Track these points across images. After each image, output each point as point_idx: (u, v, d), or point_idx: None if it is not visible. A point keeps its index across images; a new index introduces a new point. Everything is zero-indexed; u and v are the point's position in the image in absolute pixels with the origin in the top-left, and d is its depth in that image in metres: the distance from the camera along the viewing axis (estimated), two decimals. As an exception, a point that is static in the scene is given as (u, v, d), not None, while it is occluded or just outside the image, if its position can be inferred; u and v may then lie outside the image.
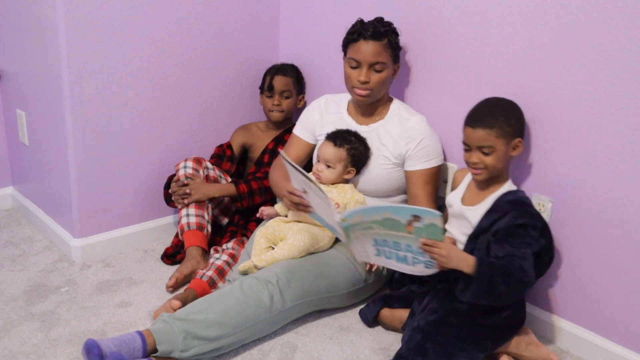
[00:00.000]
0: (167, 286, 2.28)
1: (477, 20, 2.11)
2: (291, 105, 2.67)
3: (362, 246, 1.90)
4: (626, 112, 1.80)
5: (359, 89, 2.17)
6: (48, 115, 2.45)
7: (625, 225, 1.86)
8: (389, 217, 1.75)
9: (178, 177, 2.44)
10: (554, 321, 2.08)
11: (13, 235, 2.68)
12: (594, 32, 1.83)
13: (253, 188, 2.48)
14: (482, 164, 1.87)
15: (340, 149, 2.19)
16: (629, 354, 1.92)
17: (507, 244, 1.80)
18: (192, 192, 2.41)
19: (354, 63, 2.15)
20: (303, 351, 2.00)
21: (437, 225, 1.69)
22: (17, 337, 2.01)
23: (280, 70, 2.66)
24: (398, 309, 2.07)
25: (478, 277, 1.75)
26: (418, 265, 1.82)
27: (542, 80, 1.97)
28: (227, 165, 2.67)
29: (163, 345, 1.81)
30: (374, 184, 2.23)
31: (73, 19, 2.24)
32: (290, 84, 2.65)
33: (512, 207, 1.84)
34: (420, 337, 1.83)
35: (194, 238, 2.38)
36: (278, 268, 2.03)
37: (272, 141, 2.66)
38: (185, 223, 2.40)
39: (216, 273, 2.25)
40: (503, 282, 1.75)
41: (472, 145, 1.87)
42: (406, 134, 2.19)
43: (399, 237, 1.78)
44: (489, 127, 1.84)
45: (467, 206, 1.94)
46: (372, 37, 2.12)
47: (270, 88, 2.64)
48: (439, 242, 1.74)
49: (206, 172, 2.51)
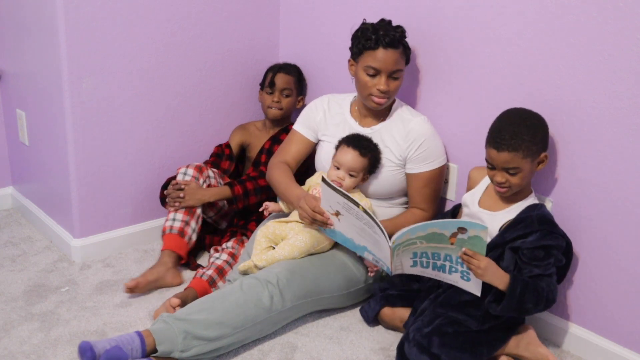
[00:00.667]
0: (126, 287, 2.21)
1: (477, 20, 2.11)
2: (290, 104, 2.66)
3: (400, 260, 1.89)
4: (626, 112, 1.80)
5: (378, 97, 2.15)
6: (48, 115, 2.45)
7: (626, 225, 1.86)
8: (434, 232, 1.74)
9: (176, 180, 2.42)
10: (554, 321, 2.08)
11: (13, 235, 2.68)
12: (594, 32, 1.83)
13: (248, 189, 2.46)
14: (508, 183, 1.85)
15: (365, 158, 2.15)
16: (629, 354, 1.92)
17: (534, 266, 1.80)
18: (186, 197, 2.37)
19: (372, 71, 2.12)
20: (303, 351, 2.00)
21: (481, 237, 1.69)
22: (17, 337, 2.01)
23: (283, 68, 2.65)
24: (399, 307, 2.07)
25: (510, 294, 1.76)
26: (454, 274, 1.81)
27: (542, 80, 1.97)
28: (227, 164, 2.66)
29: (163, 346, 1.81)
30: (378, 186, 2.23)
31: (73, 19, 2.24)
32: (292, 83, 2.64)
33: (538, 225, 1.82)
34: (416, 349, 1.83)
35: (171, 242, 2.32)
36: (278, 268, 2.03)
37: (268, 140, 2.64)
38: (169, 226, 2.35)
39: (216, 272, 2.25)
40: (532, 300, 1.78)
41: (497, 166, 1.84)
42: (408, 136, 2.18)
43: (440, 249, 1.77)
44: (514, 149, 1.79)
45: (485, 210, 1.94)
46: (391, 45, 2.10)
47: (272, 84, 2.61)
48: (479, 255, 1.73)
49: (207, 182, 2.47)
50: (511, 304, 1.77)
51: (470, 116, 2.19)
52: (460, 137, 2.25)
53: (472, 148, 2.19)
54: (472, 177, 2.05)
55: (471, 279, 1.79)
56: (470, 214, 1.98)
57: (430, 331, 1.84)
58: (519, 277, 1.78)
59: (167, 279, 2.28)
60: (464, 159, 2.24)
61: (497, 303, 1.79)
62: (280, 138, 2.61)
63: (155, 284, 2.27)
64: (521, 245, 1.82)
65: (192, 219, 2.38)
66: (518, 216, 1.86)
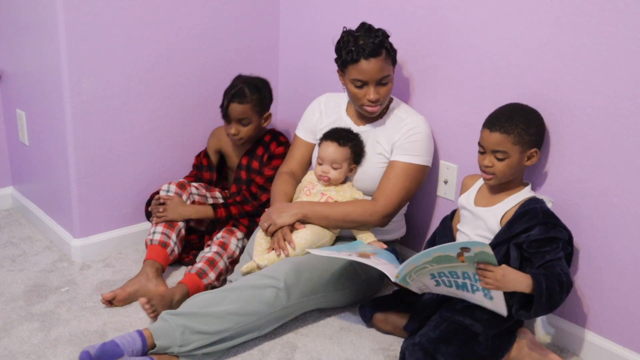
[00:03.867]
0: (103, 298, 2.16)
1: (476, 20, 2.11)
2: (253, 129, 2.45)
3: (421, 282, 1.88)
4: (626, 112, 1.80)
5: (370, 107, 2.15)
6: (48, 115, 2.45)
7: (625, 225, 1.86)
8: (439, 255, 1.73)
9: (159, 195, 2.40)
10: (554, 321, 2.08)
11: (13, 235, 2.68)
12: (594, 32, 1.83)
13: (232, 213, 2.41)
14: (494, 169, 1.86)
15: (345, 147, 2.19)
16: (629, 354, 1.92)
17: (545, 252, 1.79)
18: (167, 211, 2.36)
19: (359, 83, 2.11)
20: (303, 351, 2.00)
21: (487, 252, 1.67)
22: (17, 337, 2.01)
23: (236, 96, 2.41)
24: (391, 313, 2.07)
25: (538, 292, 1.71)
26: (477, 293, 1.79)
27: (542, 80, 1.97)
28: (208, 174, 2.60)
29: (160, 341, 1.82)
30: (370, 182, 2.23)
31: (73, 19, 2.24)
32: (247, 111, 2.41)
33: (543, 218, 1.82)
34: (421, 354, 1.83)
35: (153, 253, 2.29)
36: (285, 266, 2.02)
37: (244, 156, 2.52)
38: (149, 238, 2.33)
39: (207, 264, 2.23)
40: (557, 290, 1.73)
41: (487, 148, 1.85)
42: (402, 128, 2.19)
43: (454, 267, 1.75)
44: (506, 132, 1.82)
45: (481, 207, 1.94)
46: (372, 54, 2.07)
47: (226, 116, 2.44)
48: (492, 266, 1.71)
49: (192, 198, 2.44)
50: (541, 302, 1.72)
51: (470, 116, 2.19)
52: (460, 137, 2.25)
53: (472, 148, 2.19)
54: (465, 183, 2.06)
55: (494, 296, 1.76)
56: (467, 215, 1.98)
57: (437, 337, 1.84)
58: (537, 272, 1.74)
59: (149, 287, 2.22)
60: (464, 159, 2.24)
61: (525, 309, 1.76)
62: (256, 152, 2.51)
63: (135, 295, 2.19)
64: (525, 239, 1.81)
65: (173, 232, 2.35)
66: (522, 208, 1.85)
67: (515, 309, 1.77)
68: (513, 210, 1.88)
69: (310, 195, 2.22)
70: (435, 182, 2.36)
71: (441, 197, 2.36)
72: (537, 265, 1.79)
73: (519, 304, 1.77)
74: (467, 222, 1.98)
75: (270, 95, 2.53)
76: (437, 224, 2.17)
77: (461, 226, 2.01)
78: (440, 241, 2.04)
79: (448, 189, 2.32)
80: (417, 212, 2.45)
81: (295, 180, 2.35)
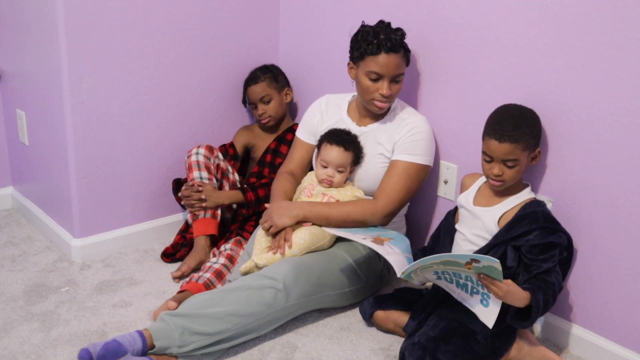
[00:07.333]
0: (173, 276, 2.35)
1: (477, 20, 2.11)
2: (277, 105, 2.65)
3: (423, 276, 1.89)
4: (626, 112, 1.80)
5: (380, 102, 2.15)
6: (48, 115, 2.45)
7: (626, 225, 1.86)
8: (448, 260, 1.74)
9: (193, 181, 2.43)
10: (554, 321, 2.08)
11: (13, 235, 2.68)
12: (594, 32, 1.83)
13: (260, 196, 2.49)
14: (504, 176, 1.85)
15: (350, 152, 2.19)
16: (629, 354, 1.92)
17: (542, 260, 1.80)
18: (206, 198, 2.42)
19: (375, 76, 2.12)
20: (303, 351, 2.00)
21: (496, 268, 1.67)
22: (17, 337, 2.01)
23: (251, 80, 2.66)
24: (392, 310, 2.07)
25: (536, 308, 1.74)
26: (476, 296, 1.80)
27: (542, 81, 1.97)
28: (231, 163, 2.67)
29: (160, 341, 1.82)
30: (371, 182, 2.23)
31: (73, 19, 2.24)
32: (265, 88, 2.63)
33: (544, 222, 1.82)
34: (420, 352, 1.83)
35: (203, 227, 2.41)
36: (284, 266, 2.02)
37: (274, 141, 2.66)
38: (196, 215, 2.43)
39: (214, 275, 2.25)
40: (551, 300, 1.78)
41: (497, 158, 1.84)
42: (403, 128, 2.19)
43: (460, 271, 1.77)
44: (515, 141, 1.81)
45: (480, 207, 1.94)
46: (392, 49, 2.09)
47: (249, 100, 2.66)
48: (498, 282, 1.71)
49: (217, 162, 2.52)
50: (537, 315, 1.76)
51: (470, 116, 2.19)
52: (461, 137, 2.25)
53: (472, 148, 2.20)
54: (465, 183, 2.05)
55: (490, 304, 1.77)
56: (466, 214, 1.98)
57: (437, 336, 1.84)
58: (535, 288, 1.76)
59: (207, 260, 2.36)
60: (464, 159, 2.25)
61: (520, 318, 1.78)
62: (286, 138, 2.63)
63: (197, 269, 2.37)
64: (524, 243, 1.82)
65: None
66: (523, 211, 1.85)
67: (510, 315, 1.79)
68: (512, 211, 1.88)
69: (311, 197, 2.22)
70: (436, 182, 2.36)
71: (441, 197, 2.36)
72: (534, 273, 1.80)
73: (514, 312, 1.79)
74: (465, 222, 1.98)
75: (283, 75, 2.72)
76: (437, 223, 2.17)
77: (459, 225, 2.01)
78: (444, 237, 2.04)
79: (448, 189, 2.32)
80: (417, 212, 2.46)
81: (295, 180, 2.35)
